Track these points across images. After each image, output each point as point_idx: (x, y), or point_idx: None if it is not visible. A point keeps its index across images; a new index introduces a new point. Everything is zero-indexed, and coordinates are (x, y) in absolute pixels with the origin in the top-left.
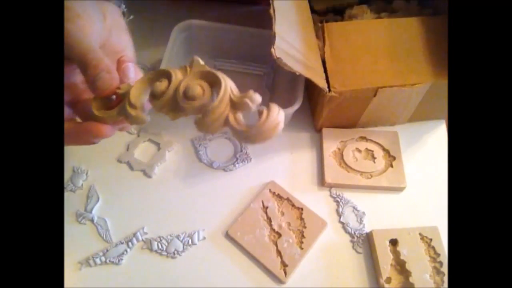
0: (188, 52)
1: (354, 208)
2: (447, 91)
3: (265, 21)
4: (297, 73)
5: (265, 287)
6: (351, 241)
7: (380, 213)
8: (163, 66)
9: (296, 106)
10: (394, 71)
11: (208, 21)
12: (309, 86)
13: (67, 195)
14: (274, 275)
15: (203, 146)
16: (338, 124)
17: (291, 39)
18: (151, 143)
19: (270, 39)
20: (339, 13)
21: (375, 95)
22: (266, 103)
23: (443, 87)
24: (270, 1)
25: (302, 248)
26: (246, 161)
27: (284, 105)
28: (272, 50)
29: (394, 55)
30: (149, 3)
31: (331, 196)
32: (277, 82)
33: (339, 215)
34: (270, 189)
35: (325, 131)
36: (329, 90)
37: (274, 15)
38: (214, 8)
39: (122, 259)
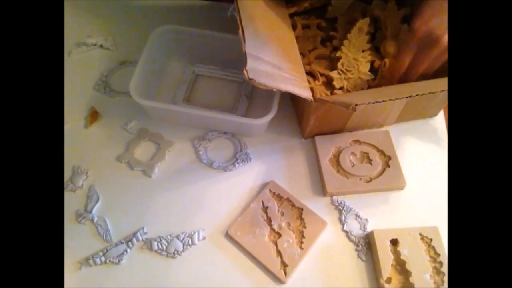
0: (166, 56)
1: (357, 215)
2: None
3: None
4: (274, 90)
5: (265, 287)
6: (356, 250)
7: (381, 213)
8: (138, 70)
9: (271, 115)
10: None
11: (187, 26)
12: (294, 95)
13: (67, 195)
14: (274, 275)
15: (203, 146)
16: (326, 131)
17: (266, 55)
18: (151, 143)
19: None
20: (318, 11)
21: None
22: (244, 110)
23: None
24: (238, 22)
25: (302, 248)
26: (246, 161)
27: (262, 113)
28: (244, 72)
29: None
30: (134, 2)
31: (332, 204)
32: (255, 89)
33: (342, 223)
34: (270, 189)
35: (317, 139)
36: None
37: (243, 35)
38: (195, 12)
39: (122, 259)
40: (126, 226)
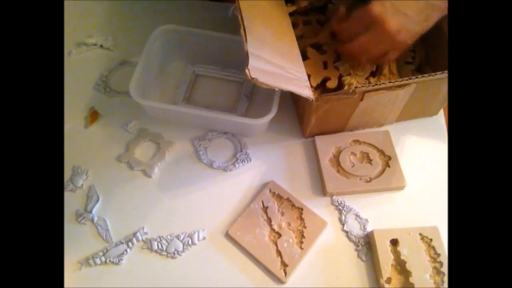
0: (166, 56)
1: (357, 215)
2: (433, 89)
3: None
4: (276, 89)
5: (265, 287)
6: (356, 250)
7: (381, 213)
8: (138, 70)
9: (271, 115)
10: None
11: (188, 26)
12: (295, 95)
13: (67, 195)
14: (274, 275)
15: (203, 146)
16: (326, 130)
17: (267, 55)
18: (151, 143)
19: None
20: (320, 10)
21: (362, 99)
22: (244, 110)
23: (429, 85)
24: (240, 22)
25: (302, 248)
26: (246, 161)
27: (262, 113)
28: (247, 71)
29: None
30: (134, 2)
31: (332, 204)
32: (255, 89)
33: (342, 223)
34: (270, 189)
35: (317, 139)
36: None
37: (245, 35)
38: (195, 12)
39: (122, 259)
40: (126, 226)
